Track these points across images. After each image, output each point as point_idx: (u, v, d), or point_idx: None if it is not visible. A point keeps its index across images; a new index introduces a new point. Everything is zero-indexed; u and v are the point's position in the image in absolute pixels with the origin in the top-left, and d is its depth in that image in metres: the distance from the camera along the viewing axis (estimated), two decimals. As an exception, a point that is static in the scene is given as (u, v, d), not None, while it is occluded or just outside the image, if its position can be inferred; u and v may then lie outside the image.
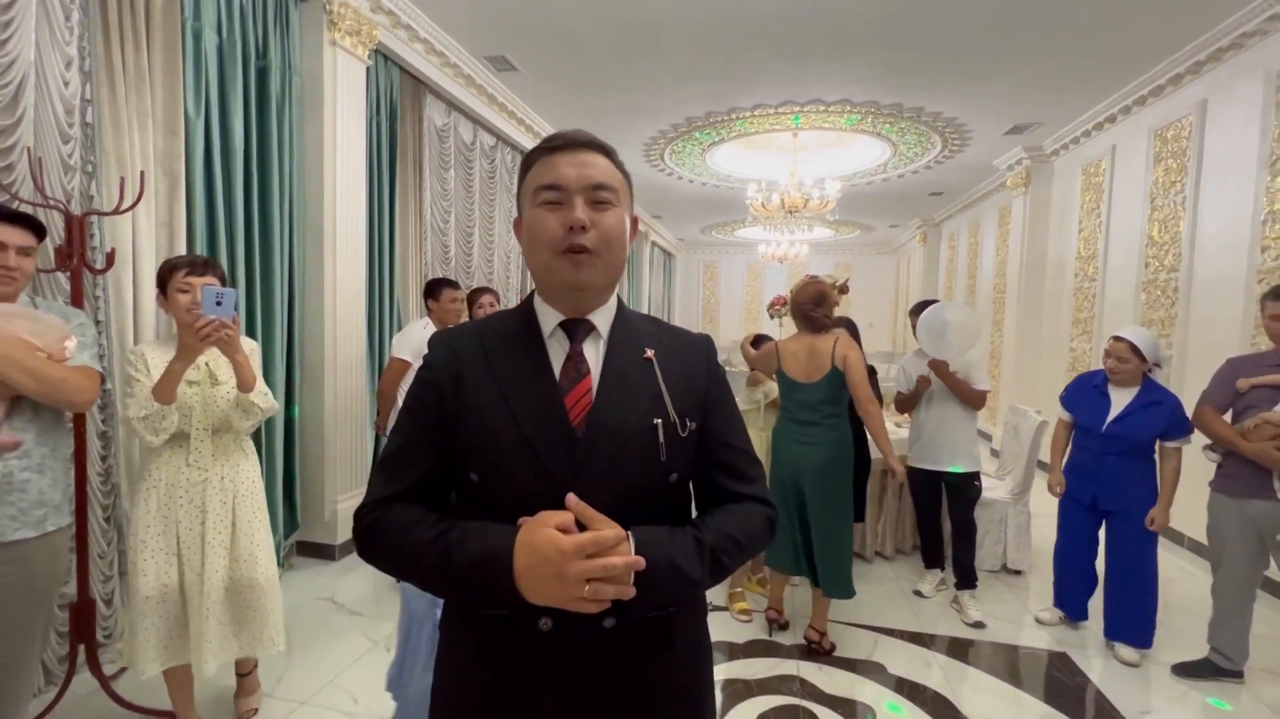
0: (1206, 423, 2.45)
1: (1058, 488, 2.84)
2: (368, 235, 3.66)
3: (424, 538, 0.78)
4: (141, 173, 2.33)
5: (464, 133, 4.73)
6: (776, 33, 3.82)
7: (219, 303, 1.68)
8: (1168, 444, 2.58)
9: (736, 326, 13.31)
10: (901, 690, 2.39)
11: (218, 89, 2.74)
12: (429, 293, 3.21)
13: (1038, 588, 3.34)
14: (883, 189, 7.83)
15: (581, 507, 0.75)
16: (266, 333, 3.05)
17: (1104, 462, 2.65)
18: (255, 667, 2.17)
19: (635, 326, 0.91)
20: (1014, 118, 5.27)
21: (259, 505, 1.98)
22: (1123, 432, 2.60)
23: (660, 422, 0.83)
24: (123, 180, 2.24)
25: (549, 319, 0.87)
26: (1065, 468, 2.84)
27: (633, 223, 0.90)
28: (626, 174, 0.89)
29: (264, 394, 1.90)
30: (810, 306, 2.56)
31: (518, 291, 5.70)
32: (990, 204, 7.57)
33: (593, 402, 0.83)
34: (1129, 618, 2.64)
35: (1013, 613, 3.06)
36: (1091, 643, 2.76)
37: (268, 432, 3.07)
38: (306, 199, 3.30)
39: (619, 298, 0.93)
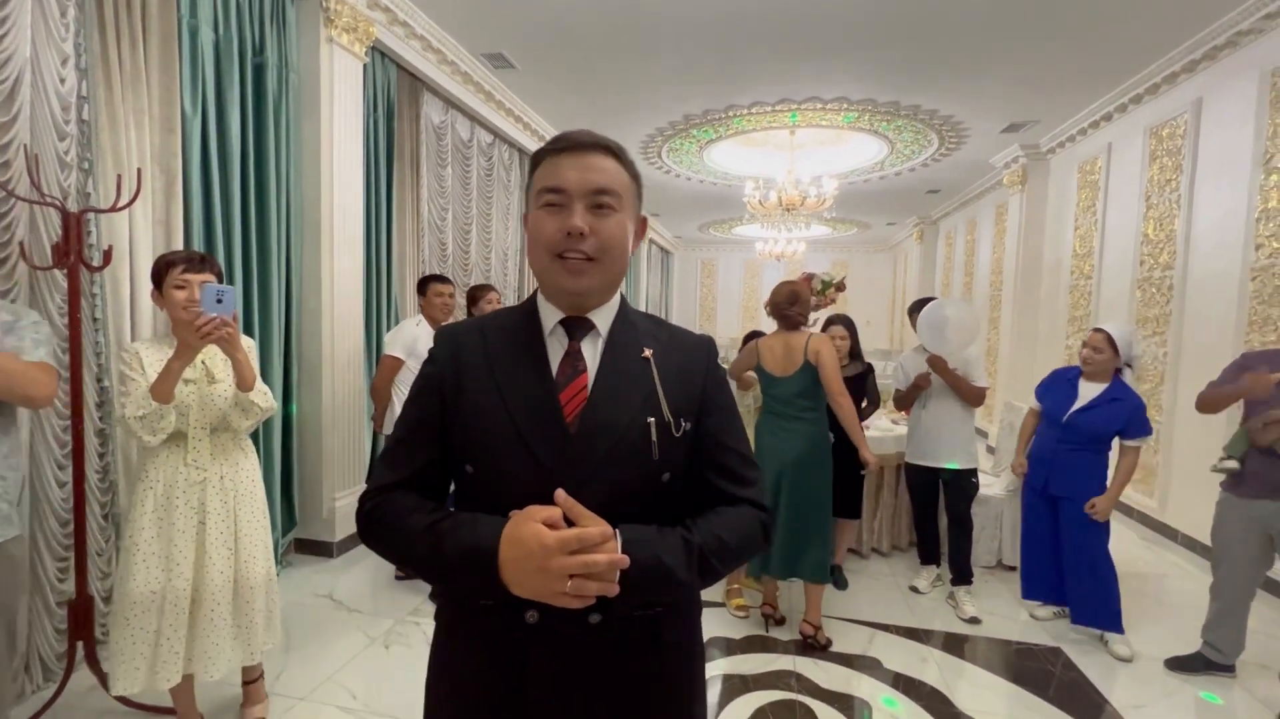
0: (1210, 396, 2.46)
1: (1019, 469, 2.99)
2: (365, 233, 3.66)
3: (418, 526, 0.80)
4: (138, 170, 2.33)
5: (461, 130, 4.72)
6: (774, 31, 3.82)
7: (219, 300, 1.67)
8: (1127, 442, 2.67)
9: (734, 324, 13.34)
10: (898, 685, 2.41)
11: (214, 86, 2.73)
12: (418, 289, 3.33)
13: (1033, 584, 3.36)
14: (880, 187, 7.84)
15: (570, 502, 0.75)
16: (264, 330, 3.05)
17: (1058, 450, 2.75)
18: (261, 676, 2.11)
19: (636, 326, 0.91)
20: (1010, 116, 5.28)
21: (259, 504, 1.96)
22: (1082, 423, 2.69)
23: (654, 420, 0.83)
24: (119, 177, 2.25)
25: (550, 317, 0.88)
26: (1028, 454, 2.96)
27: (641, 223, 0.90)
28: (635, 175, 0.87)
29: (264, 393, 1.88)
30: (785, 305, 2.74)
31: (515, 289, 5.70)
32: (987, 202, 7.59)
33: (587, 398, 0.83)
34: (1089, 603, 2.71)
35: (1008, 609, 3.08)
36: (1086, 638, 2.78)
37: (265, 429, 3.07)
38: (304, 196, 3.29)
39: (622, 296, 0.93)
